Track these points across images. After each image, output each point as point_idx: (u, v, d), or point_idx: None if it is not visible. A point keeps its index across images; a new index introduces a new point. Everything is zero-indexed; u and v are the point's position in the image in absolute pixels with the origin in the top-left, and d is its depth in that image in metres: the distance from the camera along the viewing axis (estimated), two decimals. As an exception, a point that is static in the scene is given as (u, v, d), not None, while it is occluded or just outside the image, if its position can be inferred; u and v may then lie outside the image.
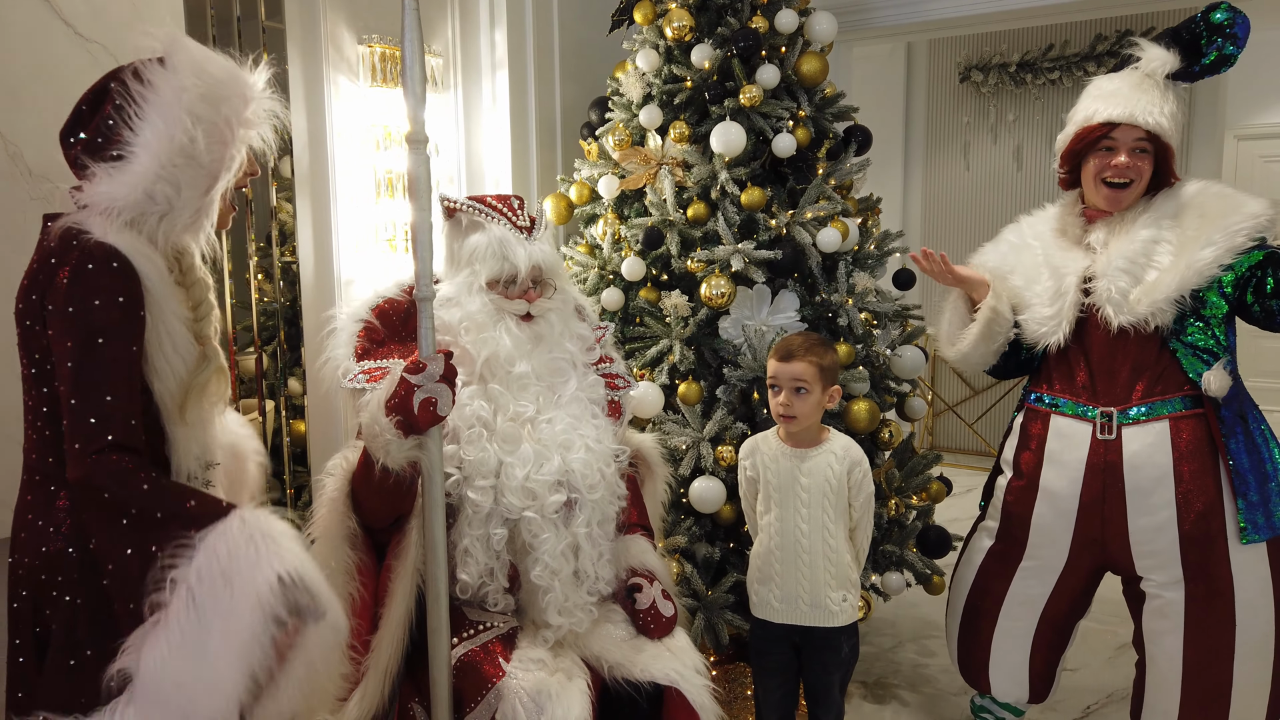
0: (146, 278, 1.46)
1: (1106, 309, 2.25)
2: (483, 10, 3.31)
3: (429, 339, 1.91)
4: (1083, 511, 2.32)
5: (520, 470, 2.03)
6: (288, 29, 2.72)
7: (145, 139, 1.48)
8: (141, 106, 1.48)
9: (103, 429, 1.40)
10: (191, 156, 1.50)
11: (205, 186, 1.54)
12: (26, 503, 1.53)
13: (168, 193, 1.50)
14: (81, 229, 1.45)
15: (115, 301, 1.43)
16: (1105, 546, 2.33)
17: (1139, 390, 2.26)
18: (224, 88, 1.54)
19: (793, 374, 2.19)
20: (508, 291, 2.13)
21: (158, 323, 1.48)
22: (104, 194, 1.48)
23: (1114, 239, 2.30)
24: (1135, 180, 2.28)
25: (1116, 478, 2.27)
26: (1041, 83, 6.02)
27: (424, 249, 1.86)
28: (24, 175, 2.12)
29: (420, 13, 1.73)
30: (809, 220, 2.88)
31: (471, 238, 2.15)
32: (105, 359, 1.42)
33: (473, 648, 2.03)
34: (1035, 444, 2.41)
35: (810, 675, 2.37)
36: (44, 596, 1.51)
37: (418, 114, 1.81)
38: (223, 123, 1.53)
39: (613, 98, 3.16)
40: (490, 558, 2.07)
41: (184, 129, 1.48)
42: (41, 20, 2.13)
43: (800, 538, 2.25)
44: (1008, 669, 2.51)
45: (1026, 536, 2.42)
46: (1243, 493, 2.18)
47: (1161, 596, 2.30)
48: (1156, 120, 2.21)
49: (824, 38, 3.08)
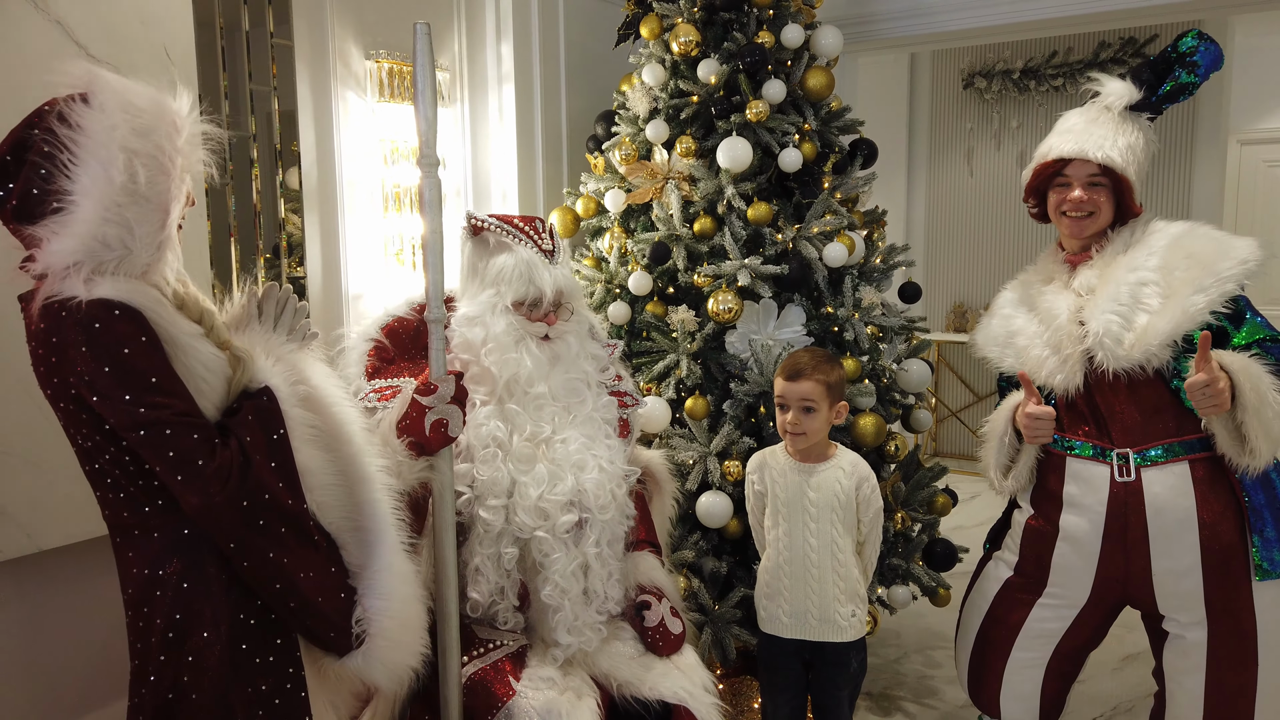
0: (148, 311, 1.45)
1: (1099, 354, 2.22)
2: (489, 24, 3.33)
3: (440, 360, 1.93)
4: (1105, 553, 2.28)
5: (534, 490, 2.05)
6: (296, 45, 2.73)
7: (84, 185, 1.43)
8: (74, 151, 1.44)
9: (209, 461, 1.46)
10: (134, 193, 1.46)
11: (159, 221, 1.50)
12: (128, 559, 1.58)
13: (120, 235, 1.45)
14: (62, 298, 1.42)
15: (141, 343, 1.42)
16: (1127, 585, 2.29)
17: (1154, 432, 2.23)
18: (152, 118, 1.49)
19: (800, 393, 2.20)
20: (531, 314, 2.15)
21: (177, 350, 1.48)
22: (57, 252, 1.43)
23: (1100, 283, 2.28)
24: (1094, 212, 2.28)
25: (1139, 520, 2.22)
26: (1045, 89, 6.02)
27: (435, 272, 1.88)
28: (37, 196, 2.13)
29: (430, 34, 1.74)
30: (815, 235, 2.88)
31: (498, 258, 2.17)
32: (167, 392, 1.44)
33: (483, 666, 2.05)
34: (1054, 487, 2.37)
35: (819, 691, 2.38)
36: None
37: (430, 138, 1.82)
38: (159, 153, 1.48)
39: (619, 111, 3.17)
40: (501, 576, 2.08)
41: (121, 166, 1.43)
42: (55, 43, 2.14)
43: (809, 553, 2.26)
44: (1019, 698, 2.49)
45: (1047, 575, 2.38)
46: (1259, 529, 2.16)
47: (1184, 637, 2.26)
48: (1106, 154, 2.23)
49: (830, 52, 3.09)
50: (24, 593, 2.25)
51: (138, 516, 1.54)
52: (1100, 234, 2.33)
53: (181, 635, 1.53)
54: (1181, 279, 2.18)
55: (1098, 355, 2.23)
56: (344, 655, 1.66)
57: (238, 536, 1.50)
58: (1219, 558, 2.18)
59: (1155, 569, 2.23)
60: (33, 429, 2.14)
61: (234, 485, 1.47)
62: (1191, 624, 2.25)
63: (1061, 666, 2.47)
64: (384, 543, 1.70)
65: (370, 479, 1.71)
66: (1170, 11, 3.53)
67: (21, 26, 2.09)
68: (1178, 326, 2.15)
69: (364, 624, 1.65)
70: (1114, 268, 2.27)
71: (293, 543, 1.56)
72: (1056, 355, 2.30)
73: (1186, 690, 2.28)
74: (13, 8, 2.08)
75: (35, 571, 2.24)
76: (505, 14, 3.31)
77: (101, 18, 2.22)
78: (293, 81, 2.73)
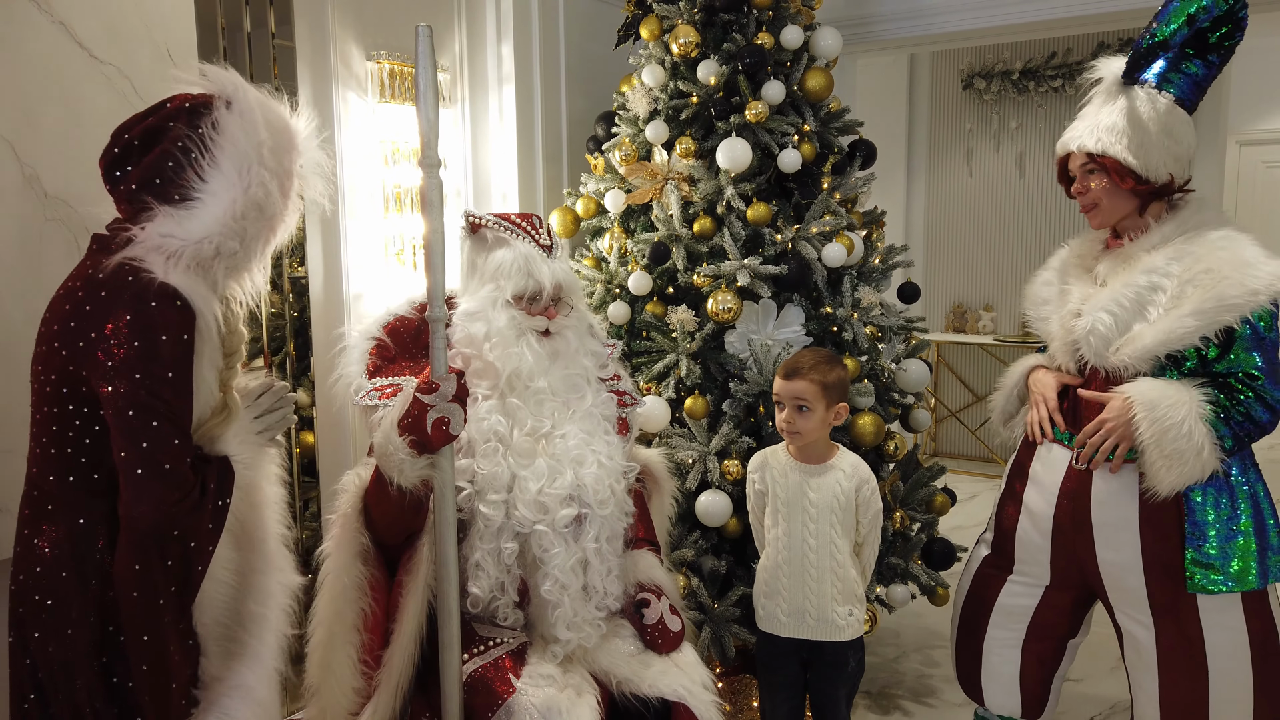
0: (203, 321, 1.47)
1: (1082, 349, 2.23)
2: (490, 25, 3.34)
3: (441, 359, 1.94)
4: (1056, 533, 2.33)
5: (534, 484, 2.06)
6: (297, 45, 2.74)
7: (214, 187, 1.47)
8: (213, 154, 1.47)
9: (175, 471, 1.44)
10: (260, 209, 1.50)
11: (266, 238, 1.55)
12: (24, 517, 1.53)
13: (233, 245, 1.49)
14: (141, 267, 1.44)
15: (180, 338, 1.44)
16: (1082, 571, 2.33)
17: None
18: (286, 139, 1.54)
19: (794, 392, 2.21)
20: (530, 308, 2.16)
21: (199, 366, 1.49)
22: (168, 235, 1.46)
23: (1114, 276, 2.26)
24: (1097, 201, 2.25)
25: (1084, 508, 2.26)
26: (1044, 90, 6.04)
27: (437, 270, 1.88)
28: (40, 198, 2.15)
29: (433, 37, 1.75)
30: (814, 235, 2.90)
31: (497, 253, 2.18)
32: (175, 392, 1.44)
33: (484, 664, 2.05)
34: (1027, 465, 2.43)
35: (817, 690, 2.39)
36: (30, 613, 1.52)
37: (432, 139, 1.83)
38: (285, 176, 1.53)
39: (619, 112, 3.18)
40: (501, 571, 2.09)
41: (257, 181, 1.48)
42: (58, 45, 2.15)
43: (808, 552, 2.28)
44: (999, 680, 2.52)
45: (1014, 550, 2.44)
46: (1195, 545, 2.15)
47: (1134, 634, 2.29)
48: (1080, 142, 2.22)
49: (829, 53, 3.10)
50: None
51: (61, 487, 1.51)
52: (1137, 221, 2.26)
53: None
54: (1190, 294, 2.12)
55: (1081, 348, 2.25)
56: None
57: (145, 560, 1.47)
58: (1161, 563, 2.19)
59: (1100, 558, 2.27)
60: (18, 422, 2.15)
61: (184, 507, 1.45)
62: (1139, 623, 2.27)
63: (1039, 650, 2.48)
64: (253, 664, 1.63)
65: (268, 596, 1.67)
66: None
67: (24, 28, 2.10)
68: (1162, 345, 2.12)
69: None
70: (1133, 264, 2.23)
71: (168, 611, 1.51)
72: (1059, 335, 2.34)
73: (1145, 690, 2.30)
74: (16, 9, 2.09)
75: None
76: (506, 15, 3.32)
77: (104, 19, 2.23)
78: (294, 82, 2.75)
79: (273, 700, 1.67)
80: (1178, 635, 2.21)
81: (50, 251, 2.17)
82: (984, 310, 6.37)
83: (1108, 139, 2.18)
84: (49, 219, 2.16)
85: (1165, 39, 2.15)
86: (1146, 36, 2.17)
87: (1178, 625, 2.21)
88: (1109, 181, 2.22)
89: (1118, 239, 2.31)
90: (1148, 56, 2.19)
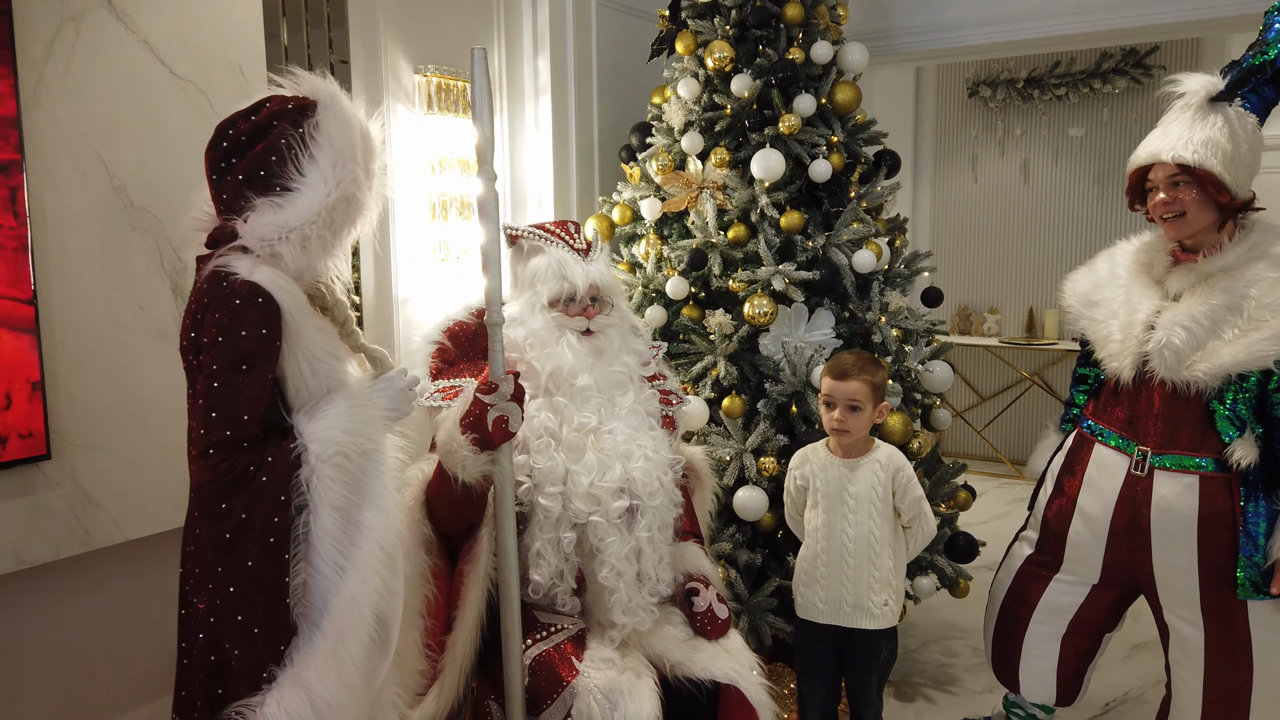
0: (286, 311, 1.59)
1: (1154, 361, 2.32)
2: (526, 39, 3.47)
3: (499, 361, 2.04)
4: (1113, 537, 2.44)
5: (585, 478, 2.17)
6: (352, 61, 2.87)
7: (310, 181, 1.61)
8: (312, 153, 1.61)
9: (235, 437, 1.56)
10: (346, 206, 1.65)
11: (347, 232, 1.70)
12: (193, 518, 1.66)
13: (321, 233, 1.64)
14: (229, 270, 1.58)
15: (260, 334, 1.56)
16: (1134, 573, 2.45)
17: (1172, 440, 2.35)
18: (373, 145, 1.70)
19: (847, 393, 2.34)
20: (568, 309, 2.27)
21: (295, 349, 1.61)
22: (268, 224, 1.61)
23: (1189, 293, 2.33)
24: (1183, 212, 2.31)
25: (1144, 513, 2.37)
26: (1048, 98, 6.17)
27: (494, 277, 1.99)
28: (126, 207, 2.26)
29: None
30: (844, 242, 3.03)
31: (533, 261, 2.30)
32: (247, 384, 1.57)
33: (546, 648, 2.16)
34: (1079, 468, 2.53)
35: (851, 676, 2.50)
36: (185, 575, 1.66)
37: (488, 153, 1.91)
38: (368, 178, 1.68)
39: (654, 124, 3.30)
40: (560, 560, 2.19)
41: (346, 181, 1.63)
42: (143, 63, 2.27)
43: (846, 542, 2.39)
44: (1037, 672, 2.65)
45: (1064, 551, 2.55)
46: (1247, 553, 2.27)
47: (1181, 633, 2.41)
48: (1177, 154, 2.27)
49: (856, 67, 3.24)
50: (113, 576, 2.39)
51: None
52: (1212, 236, 2.33)
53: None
54: (1268, 320, 2.21)
55: (1153, 362, 2.32)
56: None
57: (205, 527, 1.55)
58: (1215, 568, 2.31)
59: (1156, 560, 2.38)
60: (121, 429, 2.28)
61: (231, 477, 1.54)
62: (1189, 622, 2.39)
63: (1078, 644, 2.62)
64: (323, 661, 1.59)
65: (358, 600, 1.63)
66: (1169, 31, 3.68)
67: (114, 46, 2.23)
68: (1240, 365, 2.21)
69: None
70: (1211, 283, 2.30)
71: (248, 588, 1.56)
72: (1121, 342, 2.40)
73: (1188, 685, 2.43)
74: (106, 29, 2.21)
75: (123, 558, 2.39)
76: (542, 30, 3.45)
77: (183, 38, 2.35)
78: (350, 95, 2.86)
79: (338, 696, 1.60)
80: (1226, 635, 2.33)
81: (134, 258, 2.29)
82: (989, 313, 6.50)
83: (1204, 152, 2.25)
84: (134, 228, 2.28)
85: (1273, 60, 2.26)
86: (1254, 55, 2.27)
87: (1227, 626, 2.33)
88: (1199, 194, 2.28)
89: (1188, 253, 2.37)
90: (1253, 75, 2.28)
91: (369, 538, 1.64)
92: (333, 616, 1.58)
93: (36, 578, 2.23)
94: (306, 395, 1.66)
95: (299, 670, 1.56)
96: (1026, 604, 2.63)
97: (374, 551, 1.64)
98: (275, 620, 1.56)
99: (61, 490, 2.17)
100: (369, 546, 1.63)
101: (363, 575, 1.61)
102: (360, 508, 1.64)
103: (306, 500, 1.58)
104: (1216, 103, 2.30)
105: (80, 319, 2.19)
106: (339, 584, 1.60)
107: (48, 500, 2.15)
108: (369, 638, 1.63)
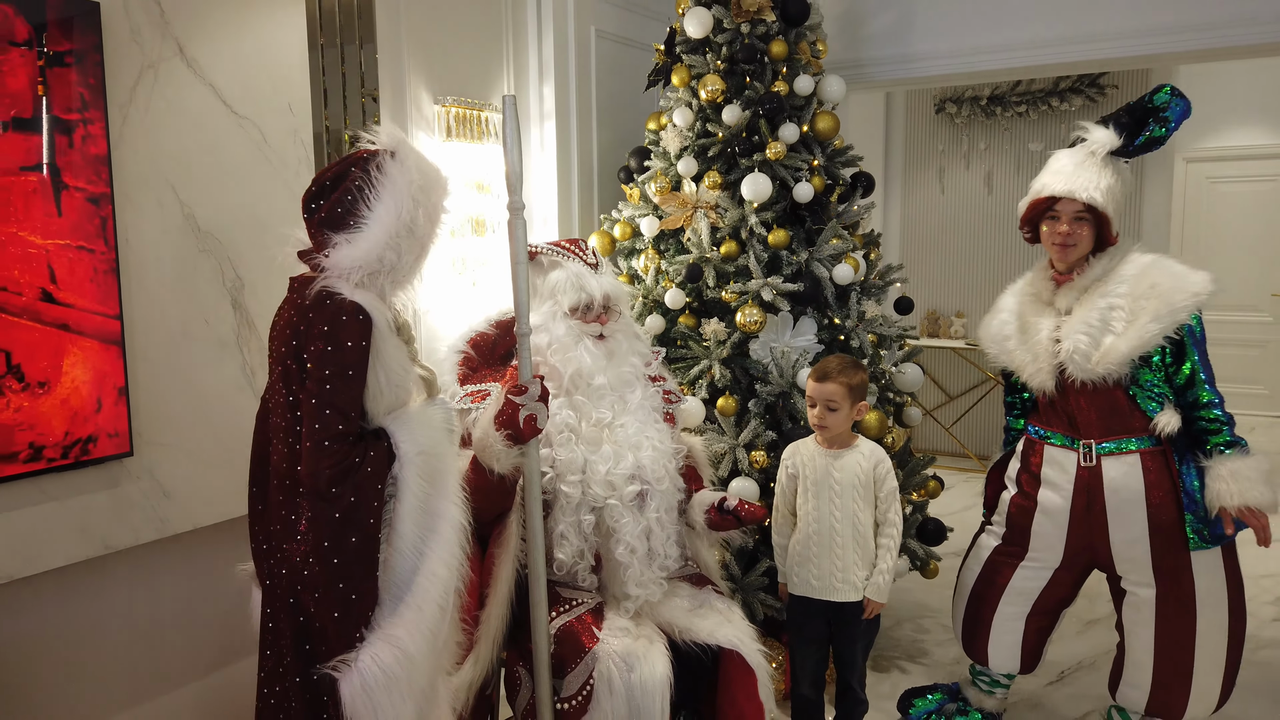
0: (377, 326, 1.88)
1: (1069, 367, 2.71)
2: (532, 68, 3.76)
3: (528, 366, 2.29)
4: (1073, 523, 2.80)
5: (602, 466, 2.46)
6: (381, 96, 3.15)
7: (378, 215, 1.89)
8: (378, 190, 1.90)
9: (347, 432, 1.85)
10: (411, 231, 1.92)
11: (418, 254, 1.98)
12: (279, 501, 1.94)
13: (392, 259, 1.91)
14: (334, 290, 1.86)
15: (361, 345, 1.85)
16: (1094, 552, 2.81)
17: (1108, 429, 2.73)
18: (434, 180, 1.97)
19: (826, 393, 2.66)
20: (585, 317, 2.57)
21: (378, 361, 1.90)
22: (345, 256, 1.88)
23: (1077, 306, 2.74)
24: (1077, 243, 2.72)
25: (1099, 497, 2.74)
26: (1010, 115, 6.54)
27: (521, 293, 2.23)
28: (195, 232, 2.54)
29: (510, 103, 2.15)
30: (825, 257, 3.36)
31: (553, 274, 2.60)
32: (350, 387, 1.85)
33: (569, 620, 2.43)
34: (1034, 468, 2.89)
35: (839, 643, 2.80)
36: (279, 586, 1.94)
37: (517, 185, 2.18)
38: (433, 207, 1.97)
39: (652, 148, 3.61)
40: (581, 540, 2.48)
41: (409, 210, 1.90)
42: (209, 104, 2.55)
43: (834, 524, 2.70)
44: (1004, 646, 3.00)
45: (1028, 542, 2.90)
46: (1191, 510, 2.66)
47: (1137, 594, 2.77)
48: (1090, 195, 2.66)
49: (835, 98, 3.57)
50: (183, 560, 2.67)
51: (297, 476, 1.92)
52: (1082, 259, 2.75)
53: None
54: (1144, 307, 2.64)
55: (1068, 368, 2.72)
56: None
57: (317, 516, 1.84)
58: (1163, 531, 2.69)
59: (1113, 537, 2.75)
60: (190, 426, 2.55)
61: (338, 472, 1.81)
62: (1143, 584, 2.76)
63: (1040, 621, 2.98)
64: (411, 621, 1.88)
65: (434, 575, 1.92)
66: (1117, 64, 4.02)
67: (183, 88, 2.50)
68: (1135, 349, 2.62)
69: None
70: (1090, 294, 2.73)
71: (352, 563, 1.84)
72: (1035, 362, 2.81)
73: (1140, 640, 2.79)
74: (177, 74, 2.48)
75: (189, 545, 2.66)
76: (547, 59, 3.74)
77: (241, 80, 2.63)
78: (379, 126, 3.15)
79: (421, 652, 1.92)
80: (1174, 590, 2.71)
81: (201, 278, 2.57)
82: (956, 316, 6.85)
83: (1107, 198, 2.68)
84: (201, 250, 2.56)
85: (1163, 138, 2.73)
86: (1158, 129, 2.71)
87: (1175, 582, 2.71)
88: (1091, 230, 2.71)
89: (1065, 275, 2.79)
90: (1154, 146, 2.74)
91: (445, 523, 1.95)
92: (418, 587, 1.89)
93: (121, 561, 2.51)
94: (380, 404, 1.95)
95: (389, 630, 1.86)
96: (995, 588, 2.97)
97: (448, 534, 1.95)
98: (367, 589, 1.86)
99: (141, 484, 2.44)
100: (445, 530, 1.94)
101: (440, 554, 1.92)
102: (436, 498, 1.95)
103: (395, 490, 1.89)
104: (1115, 158, 2.73)
105: (157, 332, 2.46)
106: (421, 561, 1.90)
107: (129, 492, 2.42)
108: (440, 607, 1.93)
